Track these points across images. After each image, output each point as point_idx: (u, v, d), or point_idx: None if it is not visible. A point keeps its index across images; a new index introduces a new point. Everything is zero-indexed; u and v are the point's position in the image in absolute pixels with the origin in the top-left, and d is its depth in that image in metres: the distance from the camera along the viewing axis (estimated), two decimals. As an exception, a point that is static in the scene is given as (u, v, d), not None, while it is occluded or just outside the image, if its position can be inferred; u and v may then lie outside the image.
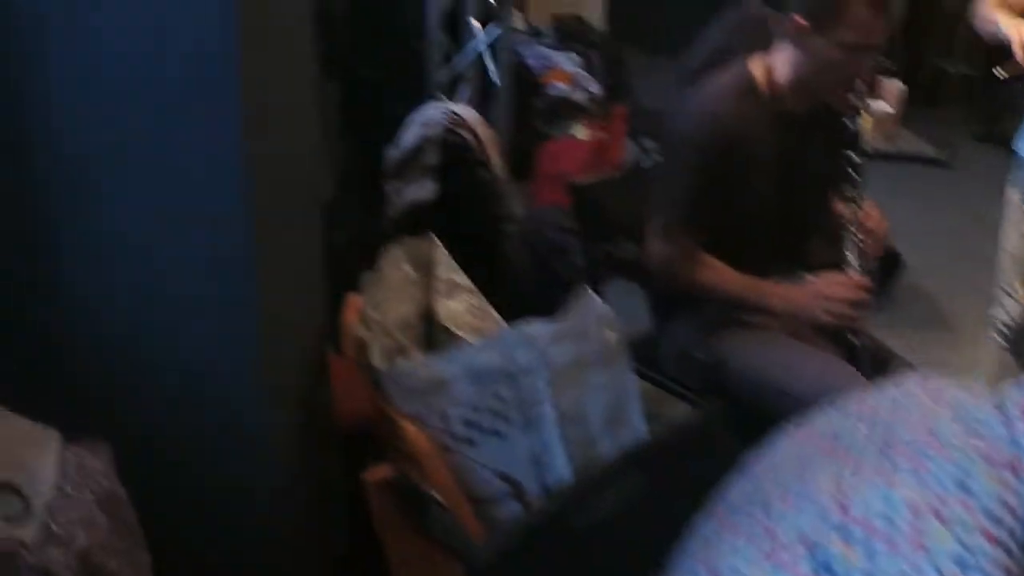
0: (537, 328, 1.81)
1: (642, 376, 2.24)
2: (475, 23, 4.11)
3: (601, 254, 2.63)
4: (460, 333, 1.92)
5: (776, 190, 2.30)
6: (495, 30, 4.08)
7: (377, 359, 1.82)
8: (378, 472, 1.88)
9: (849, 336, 2.27)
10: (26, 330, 1.67)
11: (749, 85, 2.28)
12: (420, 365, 1.83)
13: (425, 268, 2.06)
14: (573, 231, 2.89)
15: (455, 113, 2.88)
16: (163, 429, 1.70)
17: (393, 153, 2.84)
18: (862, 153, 2.31)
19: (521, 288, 2.79)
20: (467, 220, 2.76)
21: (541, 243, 2.99)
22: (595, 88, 5.21)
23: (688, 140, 2.25)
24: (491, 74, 4.07)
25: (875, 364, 2.30)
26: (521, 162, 4.03)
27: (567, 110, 5.13)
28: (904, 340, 2.81)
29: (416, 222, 2.70)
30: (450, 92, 3.97)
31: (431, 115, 2.88)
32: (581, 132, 4.00)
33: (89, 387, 1.68)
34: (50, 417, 1.46)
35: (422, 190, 2.76)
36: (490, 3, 4.15)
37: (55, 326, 1.67)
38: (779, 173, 2.29)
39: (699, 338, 2.36)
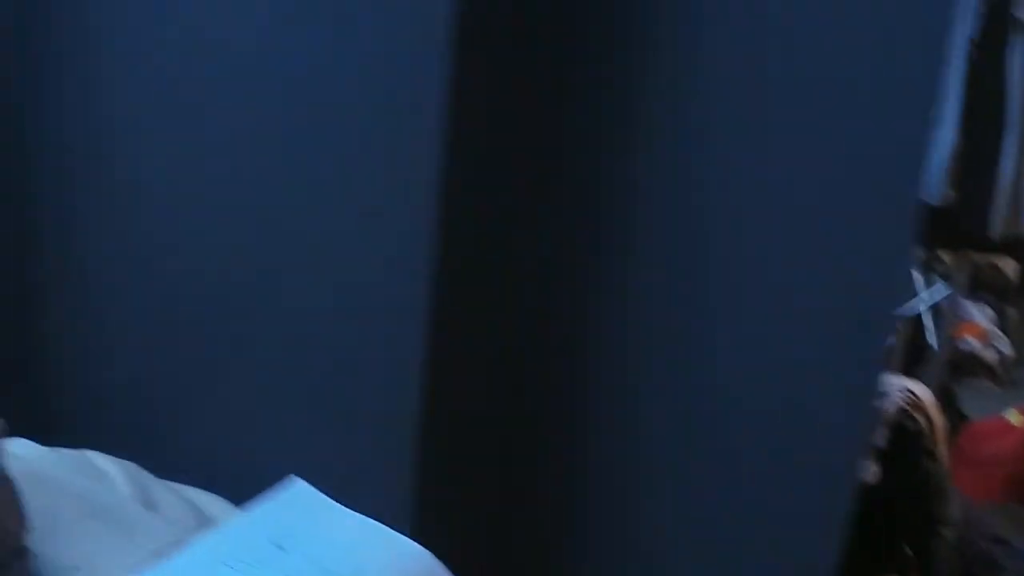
0: None
1: None
2: (918, 277, 3.93)
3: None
4: None
5: None
6: (942, 291, 3.87)
7: None
8: None
9: None
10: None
11: None
12: None
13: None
14: (1007, 543, 2.65)
15: (912, 392, 2.71)
16: None
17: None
18: None
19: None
20: (904, 514, 2.56)
21: (970, 550, 2.74)
22: (1006, 348, 4.89)
23: None
24: (928, 336, 3.86)
25: None
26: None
27: (974, 367, 4.82)
28: None
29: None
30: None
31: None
32: (1015, 417, 3.70)
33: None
34: None
35: (864, 472, 2.59)
36: (938, 257, 3.96)
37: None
38: None
39: None
